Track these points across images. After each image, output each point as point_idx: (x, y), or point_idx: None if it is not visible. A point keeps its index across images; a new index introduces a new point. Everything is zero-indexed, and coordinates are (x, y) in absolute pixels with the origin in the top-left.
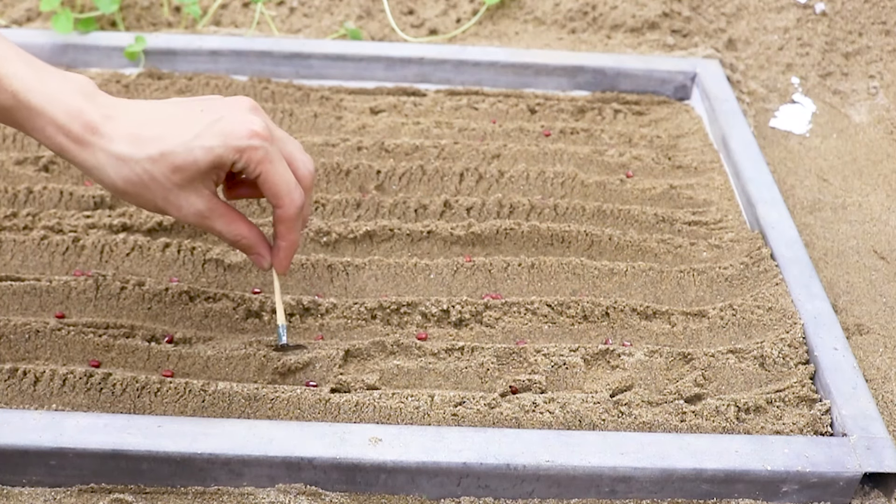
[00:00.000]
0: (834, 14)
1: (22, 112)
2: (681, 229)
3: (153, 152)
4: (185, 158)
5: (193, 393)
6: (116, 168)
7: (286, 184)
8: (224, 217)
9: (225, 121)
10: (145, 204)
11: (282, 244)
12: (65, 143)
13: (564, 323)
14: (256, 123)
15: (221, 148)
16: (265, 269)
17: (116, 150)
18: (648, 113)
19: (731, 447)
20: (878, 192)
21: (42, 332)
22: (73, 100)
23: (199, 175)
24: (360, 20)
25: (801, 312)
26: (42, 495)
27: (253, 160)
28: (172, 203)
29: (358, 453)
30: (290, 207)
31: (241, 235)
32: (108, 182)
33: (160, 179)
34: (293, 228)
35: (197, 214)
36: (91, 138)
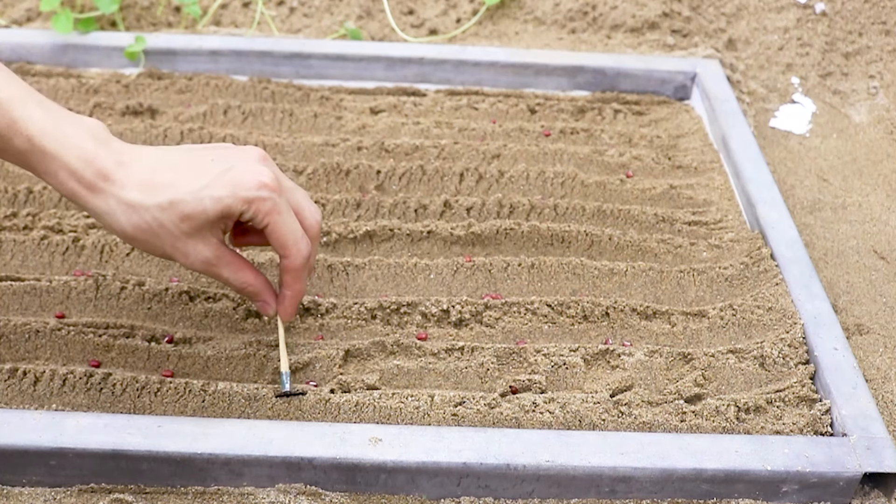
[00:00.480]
0: (834, 14)
1: (36, 156)
2: (681, 229)
3: (163, 200)
4: (195, 207)
5: (193, 393)
6: (127, 215)
7: (293, 234)
8: (231, 265)
9: (235, 171)
10: (153, 250)
11: (287, 293)
12: (77, 188)
13: (564, 323)
14: (265, 175)
15: (230, 198)
16: (270, 316)
17: (127, 198)
18: (648, 113)
19: (731, 447)
20: (878, 192)
21: (42, 332)
22: (87, 145)
23: (208, 224)
24: (360, 20)
25: (801, 312)
26: (42, 495)
27: (261, 211)
28: (180, 250)
29: (358, 453)
30: (297, 258)
31: (247, 283)
32: (118, 228)
33: (169, 227)
34: (299, 278)
35: (204, 262)
36: (103, 185)
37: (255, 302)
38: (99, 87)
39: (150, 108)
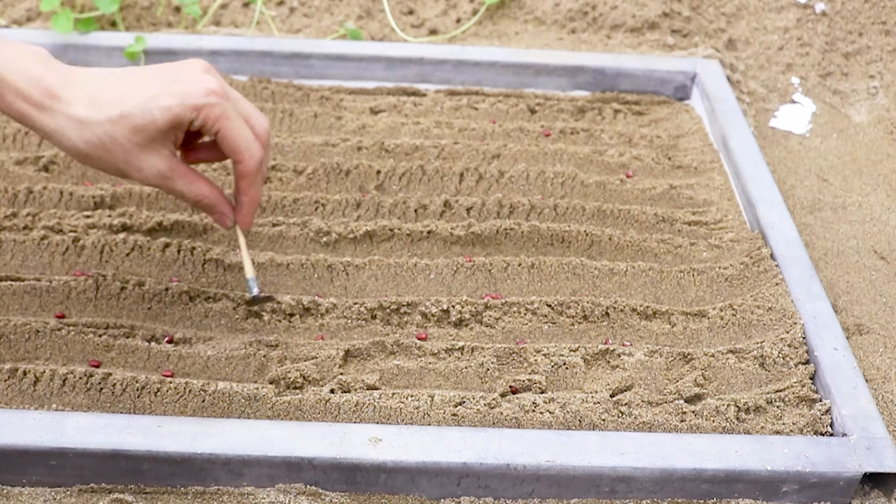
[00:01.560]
0: (834, 14)
1: None
2: (681, 229)
3: (112, 114)
4: (144, 118)
5: (193, 393)
6: (77, 131)
7: (245, 139)
8: (185, 177)
9: (181, 81)
10: (107, 167)
11: (244, 199)
12: (25, 108)
13: (564, 323)
14: (212, 82)
15: (179, 107)
16: (228, 227)
17: (76, 114)
18: (648, 113)
19: (731, 447)
20: (878, 192)
21: (42, 332)
22: (32, 67)
23: (159, 135)
24: (360, 20)
25: (801, 312)
26: (42, 495)
27: (210, 117)
28: (133, 165)
29: (358, 453)
30: (251, 161)
31: (202, 195)
32: (70, 145)
33: (120, 141)
34: (254, 183)
35: (158, 175)
36: (51, 103)
37: (212, 215)
38: None
39: None
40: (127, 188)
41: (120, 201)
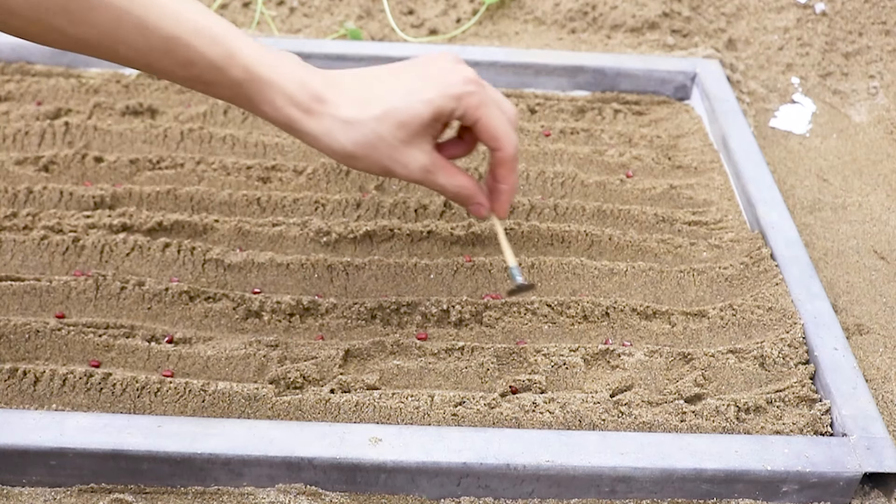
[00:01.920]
0: (834, 14)
1: (253, 85)
2: (681, 229)
3: (377, 112)
4: (408, 113)
5: (193, 393)
6: (345, 132)
7: (503, 126)
8: (445, 169)
9: (437, 73)
10: (371, 166)
11: (503, 187)
12: (294, 113)
13: (564, 323)
14: (467, 71)
15: (440, 98)
16: (484, 217)
17: (343, 115)
18: (648, 113)
19: (731, 447)
20: (878, 192)
21: (42, 332)
22: (298, 70)
23: (422, 129)
24: (360, 20)
25: (801, 312)
26: (42, 495)
27: (471, 106)
28: (398, 161)
29: (358, 453)
30: (510, 148)
31: (462, 186)
32: (338, 147)
33: (387, 138)
34: (512, 170)
35: (422, 169)
36: (318, 107)
37: (468, 205)
38: (99, 87)
39: (150, 108)
40: (127, 188)
41: (120, 201)
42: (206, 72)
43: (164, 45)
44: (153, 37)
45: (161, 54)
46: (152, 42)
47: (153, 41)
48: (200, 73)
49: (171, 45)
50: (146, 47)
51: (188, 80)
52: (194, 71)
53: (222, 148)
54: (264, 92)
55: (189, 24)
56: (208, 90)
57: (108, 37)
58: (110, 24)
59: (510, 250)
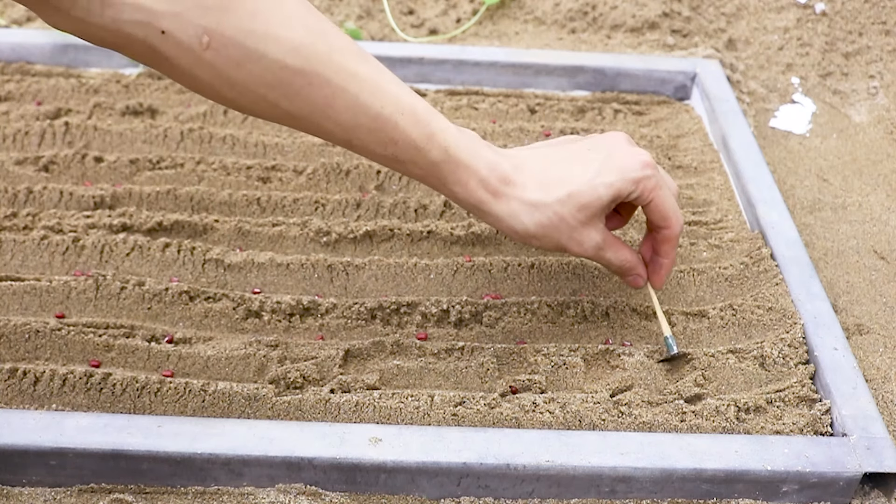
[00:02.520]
0: (834, 14)
1: (450, 167)
2: None
3: (562, 195)
4: (590, 196)
5: (193, 393)
6: (529, 214)
7: (673, 207)
8: (613, 246)
9: (617, 156)
10: (548, 244)
11: (664, 262)
12: (483, 196)
13: (564, 323)
14: (645, 155)
15: (620, 182)
16: (640, 287)
17: (530, 198)
18: (648, 113)
19: (731, 447)
20: (878, 192)
21: (42, 332)
22: (488, 153)
23: (601, 210)
24: (360, 20)
25: (801, 312)
26: (42, 495)
27: (647, 189)
28: (576, 239)
29: (358, 453)
30: (677, 227)
31: (626, 260)
32: (521, 228)
33: (568, 219)
34: (675, 246)
35: (595, 247)
36: (505, 189)
37: (627, 276)
38: (99, 87)
39: (150, 108)
40: (127, 188)
41: (120, 201)
42: (405, 151)
43: (371, 124)
44: (362, 115)
45: (367, 132)
46: (360, 120)
47: (361, 119)
48: (399, 153)
49: (378, 124)
50: (353, 124)
51: (386, 157)
52: (394, 150)
53: (222, 148)
54: (458, 174)
55: (396, 104)
56: (402, 167)
57: (320, 112)
58: (324, 100)
59: (665, 320)
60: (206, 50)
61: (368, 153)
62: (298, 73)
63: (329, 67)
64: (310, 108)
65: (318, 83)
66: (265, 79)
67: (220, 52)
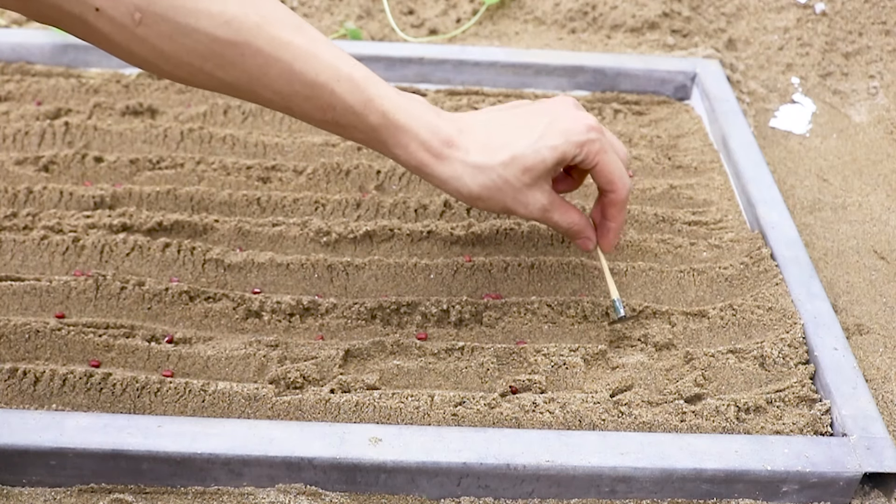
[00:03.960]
0: (834, 14)
1: (389, 130)
2: (681, 229)
3: (505, 157)
4: (534, 159)
5: (193, 393)
6: (473, 177)
7: (618, 170)
8: (560, 208)
9: (562, 120)
10: (494, 206)
11: (612, 225)
12: (425, 157)
13: (564, 323)
14: (590, 119)
15: (565, 145)
16: (590, 250)
17: (473, 160)
18: (648, 113)
19: (731, 447)
20: (878, 192)
21: (42, 332)
22: (431, 117)
23: (545, 173)
24: (360, 20)
25: (801, 312)
26: (42, 495)
27: (592, 152)
28: (520, 201)
29: (358, 453)
30: (623, 191)
31: (573, 223)
32: (465, 191)
33: (512, 182)
34: (623, 210)
35: (541, 209)
36: (449, 152)
37: (576, 239)
38: (99, 87)
39: (150, 108)
40: (127, 188)
41: (120, 201)
42: (344, 116)
43: (307, 91)
44: (297, 83)
45: (303, 99)
46: (296, 87)
47: (296, 87)
48: (338, 118)
49: (314, 91)
50: (289, 92)
51: (326, 123)
52: (333, 115)
53: (222, 148)
54: (398, 137)
55: (332, 71)
56: (343, 132)
57: (256, 81)
58: (258, 69)
59: (613, 282)
60: (138, 26)
61: (309, 119)
62: (230, 44)
63: (261, 38)
64: (246, 78)
65: (251, 53)
66: (198, 51)
67: (151, 27)
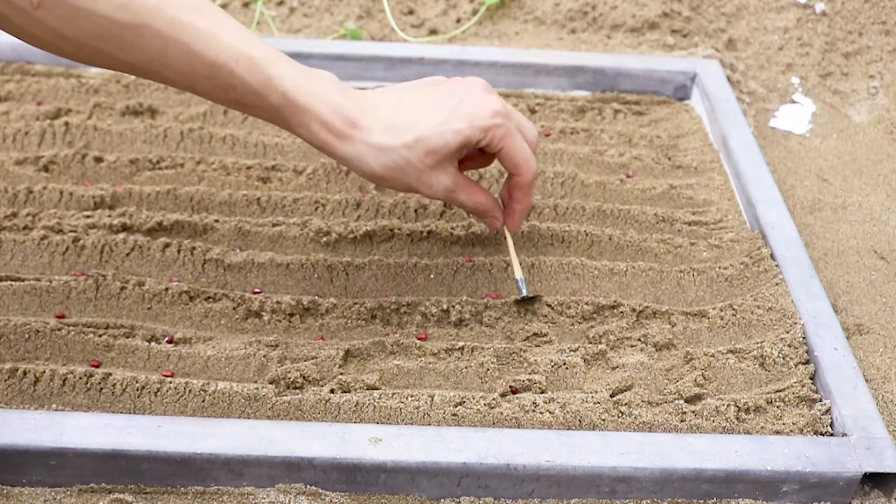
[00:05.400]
0: (834, 14)
1: (289, 110)
2: (681, 229)
3: (408, 139)
4: (438, 142)
5: (193, 393)
6: (375, 157)
7: (524, 154)
8: (466, 189)
9: (468, 103)
10: (398, 186)
11: (518, 207)
12: (328, 137)
13: (564, 323)
14: (496, 103)
15: (469, 129)
16: (497, 228)
17: (375, 141)
18: (648, 113)
19: (731, 447)
20: (878, 192)
21: (42, 332)
22: (333, 96)
23: (449, 155)
24: (360, 20)
25: (801, 312)
26: (42, 495)
27: (497, 137)
28: (424, 182)
29: (358, 453)
30: (528, 174)
31: (480, 202)
32: (368, 170)
33: (415, 163)
34: (529, 193)
35: (445, 190)
36: (351, 132)
37: (484, 218)
38: (99, 87)
39: (150, 108)
40: (127, 188)
41: (120, 201)
42: (245, 96)
43: (207, 71)
44: (197, 62)
45: (204, 79)
46: (196, 67)
47: (197, 66)
48: (240, 97)
49: (214, 71)
50: (190, 72)
51: (229, 102)
52: (234, 95)
53: (222, 148)
54: (300, 116)
55: (231, 51)
56: (248, 111)
57: (156, 62)
58: (158, 51)
59: (517, 262)
60: (36, 9)
61: (214, 99)
62: (128, 26)
63: (159, 19)
64: (146, 59)
65: (150, 35)
66: (97, 33)
67: (50, 10)
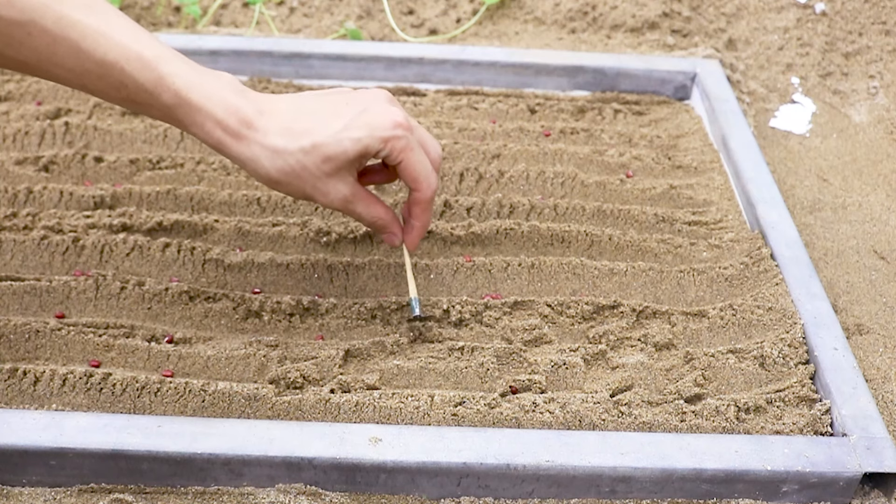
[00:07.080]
0: (834, 14)
1: (183, 109)
2: (681, 229)
3: (305, 144)
4: (335, 149)
5: (193, 393)
6: (271, 160)
7: (424, 170)
8: (364, 201)
9: (369, 112)
10: (294, 192)
11: (416, 224)
12: (222, 137)
13: (564, 323)
14: (398, 115)
15: (368, 139)
16: (396, 245)
17: (271, 143)
18: (648, 113)
19: (731, 447)
20: (878, 192)
21: (42, 332)
22: (229, 96)
23: (347, 164)
24: (360, 20)
25: (801, 312)
26: (42, 495)
27: (396, 149)
28: (320, 190)
29: (358, 453)
30: (428, 191)
31: (378, 217)
32: (263, 172)
33: (311, 169)
34: (428, 210)
35: (342, 200)
36: (247, 132)
37: (382, 233)
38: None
39: None
40: (127, 188)
41: (120, 201)
42: (137, 94)
43: (97, 69)
44: (87, 61)
45: (95, 77)
46: (86, 66)
47: (87, 65)
48: (132, 96)
49: (104, 70)
50: (81, 70)
51: (122, 101)
52: (126, 93)
53: None
54: (192, 116)
55: (121, 50)
56: (141, 110)
57: (45, 60)
58: (46, 48)
59: (413, 281)
60: None
61: (107, 97)
62: (15, 23)
63: (47, 17)
64: (35, 57)
65: (37, 33)
66: None
67: None
